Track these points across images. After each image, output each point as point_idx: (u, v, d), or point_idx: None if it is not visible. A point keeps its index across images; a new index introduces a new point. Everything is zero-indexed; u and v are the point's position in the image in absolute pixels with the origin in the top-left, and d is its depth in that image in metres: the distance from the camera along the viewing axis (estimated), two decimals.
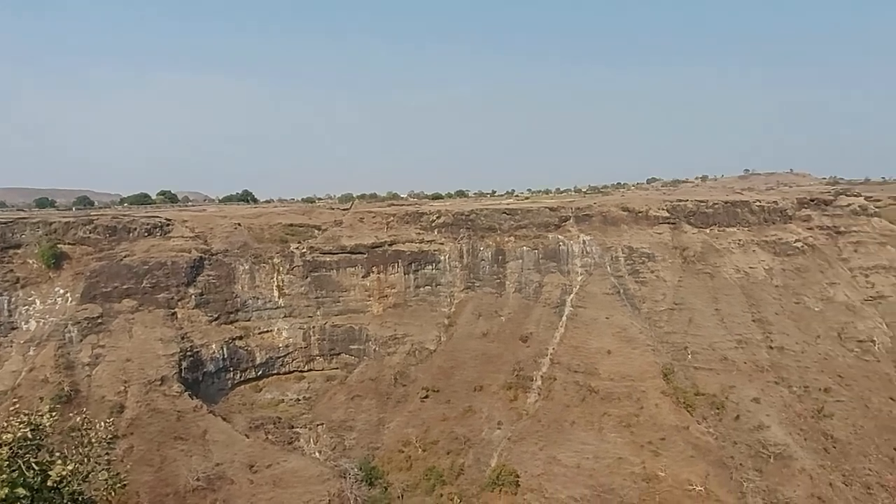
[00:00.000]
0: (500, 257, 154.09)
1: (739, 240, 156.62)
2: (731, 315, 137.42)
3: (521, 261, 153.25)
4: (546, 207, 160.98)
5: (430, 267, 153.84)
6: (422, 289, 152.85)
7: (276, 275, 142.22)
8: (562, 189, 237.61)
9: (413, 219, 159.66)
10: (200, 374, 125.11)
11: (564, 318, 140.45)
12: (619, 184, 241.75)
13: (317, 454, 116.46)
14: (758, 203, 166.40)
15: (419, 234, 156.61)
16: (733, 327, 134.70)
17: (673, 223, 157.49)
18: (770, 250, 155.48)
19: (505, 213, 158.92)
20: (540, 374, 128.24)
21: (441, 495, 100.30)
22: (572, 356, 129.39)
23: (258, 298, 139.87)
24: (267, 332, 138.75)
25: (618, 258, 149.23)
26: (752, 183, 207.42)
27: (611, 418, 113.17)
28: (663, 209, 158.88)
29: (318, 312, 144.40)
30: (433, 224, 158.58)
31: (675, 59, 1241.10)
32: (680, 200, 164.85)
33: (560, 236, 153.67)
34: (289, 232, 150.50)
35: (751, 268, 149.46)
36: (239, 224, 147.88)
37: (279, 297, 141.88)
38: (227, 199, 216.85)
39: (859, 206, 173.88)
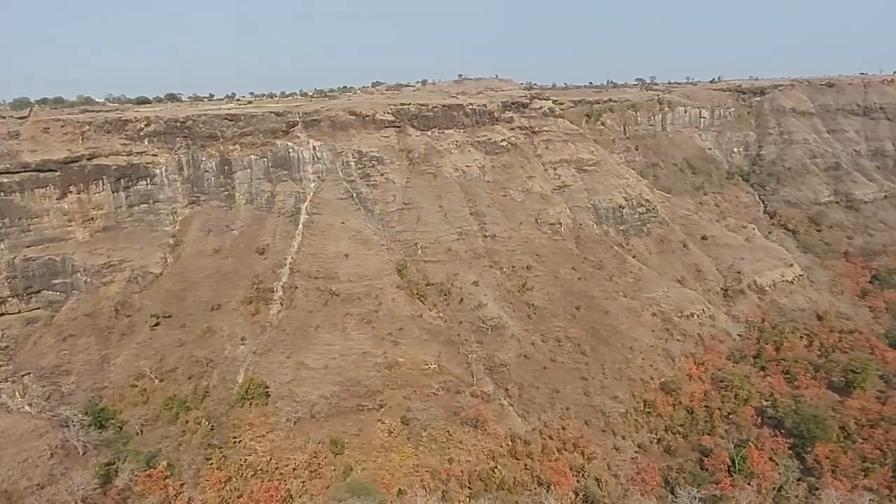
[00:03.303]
0: (226, 167, 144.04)
1: (456, 141, 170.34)
2: (452, 210, 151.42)
3: (249, 170, 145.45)
4: (272, 112, 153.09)
5: (145, 182, 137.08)
6: (137, 208, 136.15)
7: None
8: (287, 93, 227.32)
9: (116, 127, 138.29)
10: None
11: (300, 226, 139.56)
12: (345, 87, 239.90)
13: (27, 408, 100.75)
14: (470, 106, 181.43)
15: (126, 145, 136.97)
16: (455, 221, 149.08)
17: (398, 126, 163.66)
18: (482, 149, 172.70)
19: (227, 118, 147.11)
20: (280, 284, 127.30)
21: (187, 422, 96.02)
22: (311, 263, 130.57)
23: None
24: None
25: (349, 163, 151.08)
26: (465, 87, 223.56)
27: (353, 318, 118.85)
28: (389, 113, 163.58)
29: (3, 245, 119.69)
30: (142, 133, 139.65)
31: None
32: (403, 104, 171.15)
33: (289, 143, 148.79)
34: None
35: (467, 166, 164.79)
36: None
37: None
38: None
39: (548, 109, 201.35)
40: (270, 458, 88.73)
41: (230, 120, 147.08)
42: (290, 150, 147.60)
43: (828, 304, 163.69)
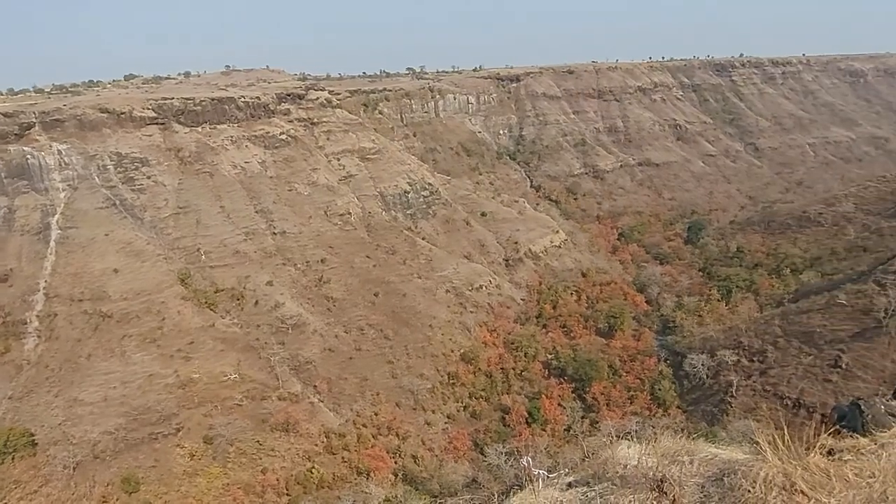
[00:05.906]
0: None
1: (231, 136, 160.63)
2: (235, 210, 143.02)
3: None
4: None
5: None
6: None
7: None
8: (16, 90, 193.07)
9: None
10: None
11: (53, 243, 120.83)
12: (91, 82, 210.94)
13: None
14: (243, 99, 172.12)
15: None
16: (240, 221, 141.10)
17: (162, 123, 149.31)
18: (260, 144, 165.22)
19: None
20: (34, 314, 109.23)
21: None
22: (73, 285, 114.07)
23: None
24: None
25: (106, 167, 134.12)
26: (234, 79, 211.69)
27: (132, 339, 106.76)
28: (149, 109, 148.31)
29: None
30: None
31: None
32: (165, 99, 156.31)
33: (26, 148, 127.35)
34: None
35: (246, 163, 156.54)
36: None
37: None
38: None
39: (325, 100, 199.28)
40: None
41: None
42: (29, 156, 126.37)
43: (589, 262, 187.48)
